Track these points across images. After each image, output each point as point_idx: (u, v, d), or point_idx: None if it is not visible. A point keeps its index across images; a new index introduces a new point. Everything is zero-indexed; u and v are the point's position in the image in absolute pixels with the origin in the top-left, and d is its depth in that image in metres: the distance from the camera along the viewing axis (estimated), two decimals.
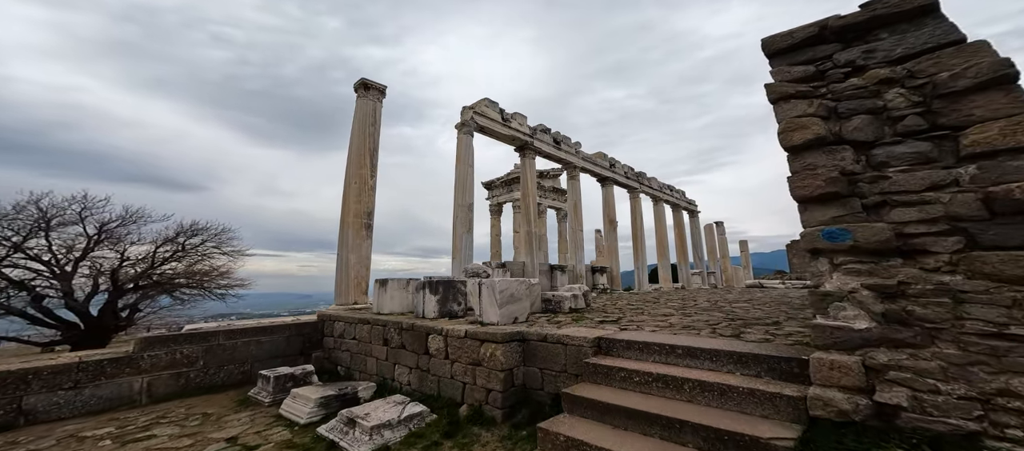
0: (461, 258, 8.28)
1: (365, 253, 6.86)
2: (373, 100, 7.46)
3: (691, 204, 21.14)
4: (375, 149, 7.24)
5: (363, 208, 7.01)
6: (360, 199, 6.99)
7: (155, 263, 12.45)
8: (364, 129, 7.32)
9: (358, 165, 7.21)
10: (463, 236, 8.38)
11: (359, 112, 7.42)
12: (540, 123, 12.04)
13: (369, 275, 6.77)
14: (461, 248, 8.34)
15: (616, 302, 8.17)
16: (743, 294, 11.39)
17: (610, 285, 13.86)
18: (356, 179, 7.08)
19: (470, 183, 8.76)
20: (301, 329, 5.47)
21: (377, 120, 7.52)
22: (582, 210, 12.99)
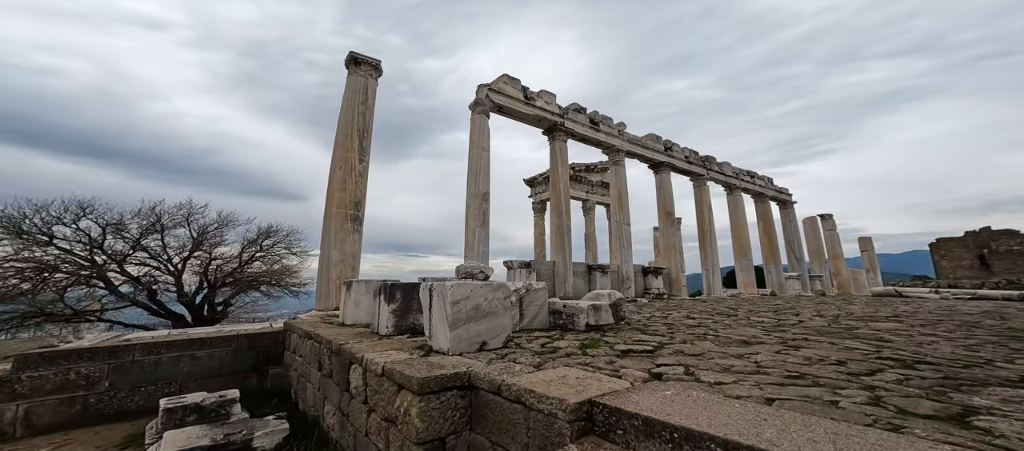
0: (474, 255, 6.81)
1: (351, 250, 5.67)
2: (365, 76, 6.44)
3: (781, 192, 16.76)
4: (366, 130, 6.12)
5: (349, 197, 5.81)
6: (345, 187, 5.84)
7: (243, 262, 13.70)
8: (353, 107, 6.19)
9: (344, 147, 6.04)
10: (476, 230, 6.93)
11: (349, 89, 6.36)
12: (573, 102, 10.11)
13: (357, 275, 5.73)
14: (474, 243, 6.90)
15: (667, 313, 5.84)
16: (876, 306, 7.78)
17: (668, 289, 11.08)
18: (341, 164, 5.95)
19: (485, 169, 7.27)
20: (254, 341, 4.54)
21: (370, 98, 6.46)
22: (629, 201, 10.58)
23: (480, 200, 7.01)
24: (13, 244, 10.27)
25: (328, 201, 5.94)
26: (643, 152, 11.60)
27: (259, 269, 15.06)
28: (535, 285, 3.81)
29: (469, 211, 6.95)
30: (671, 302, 8.99)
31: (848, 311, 6.10)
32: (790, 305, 7.81)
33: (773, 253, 15.09)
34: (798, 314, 5.76)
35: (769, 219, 15.58)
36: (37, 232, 10.49)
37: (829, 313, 5.79)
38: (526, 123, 9.02)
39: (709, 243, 12.63)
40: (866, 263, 19.11)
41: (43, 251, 10.53)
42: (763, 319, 4.91)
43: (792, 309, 6.72)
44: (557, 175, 8.87)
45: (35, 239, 10.47)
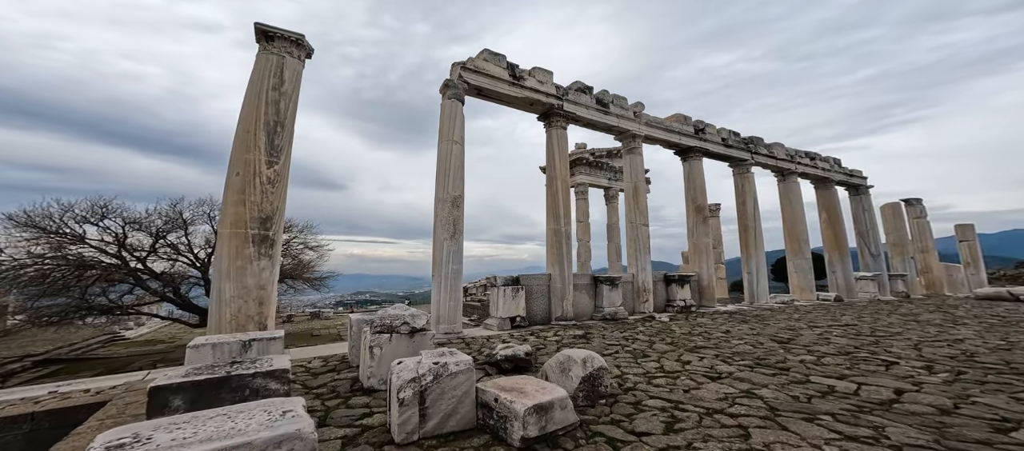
0: (442, 273, 5.57)
1: (256, 281, 4.05)
2: (280, 54, 4.79)
3: (853, 175, 13.68)
4: (281, 124, 4.55)
5: (251, 212, 4.17)
6: (245, 198, 4.18)
7: None
8: (260, 94, 4.51)
9: (244, 146, 4.33)
10: (445, 243, 5.65)
11: (256, 70, 4.67)
12: (576, 81, 8.44)
13: (269, 315, 4.18)
14: (442, 260, 5.61)
15: (682, 357, 4.19)
16: (996, 320, 5.31)
17: (697, 300, 9.13)
18: (240, 167, 4.29)
19: (457, 167, 5.97)
20: None
21: (288, 83, 4.73)
22: (645, 194, 8.75)
23: (450, 206, 5.73)
24: (49, 241, 10.86)
25: (221, 218, 4.41)
26: (666, 136, 9.61)
27: (281, 263, 15.84)
28: (453, 363, 2.27)
29: (437, 219, 5.71)
30: (699, 320, 7.18)
31: (976, 341, 3.98)
32: (871, 321, 5.64)
33: (839, 249, 12.28)
34: (890, 346, 3.69)
35: (835, 208, 12.71)
36: (68, 231, 11.07)
37: (947, 341, 3.65)
38: (515, 108, 7.56)
39: (753, 241, 10.36)
40: (965, 256, 15.23)
41: (78, 249, 11.14)
42: (841, 360, 3.11)
43: (880, 329, 4.62)
44: (554, 169, 7.34)
45: (69, 238, 11.07)
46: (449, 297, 5.33)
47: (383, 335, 2.77)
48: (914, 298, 12.20)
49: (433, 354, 2.14)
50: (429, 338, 2.99)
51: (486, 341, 5.00)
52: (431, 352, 2.17)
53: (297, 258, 17.54)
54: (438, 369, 2.00)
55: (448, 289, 5.37)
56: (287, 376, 2.19)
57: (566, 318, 6.72)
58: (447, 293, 5.37)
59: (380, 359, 2.72)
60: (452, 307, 5.29)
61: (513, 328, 6.01)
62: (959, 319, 7.09)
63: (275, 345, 2.92)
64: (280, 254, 4.48)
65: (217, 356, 2.73)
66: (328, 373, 3.54)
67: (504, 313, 5.95)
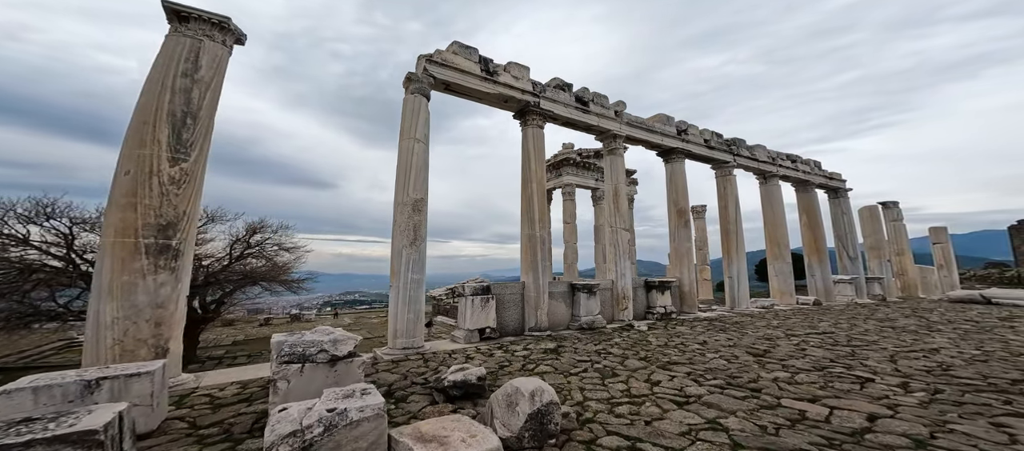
0: (401, 282, 5.15)
1: (150, 299, 3.45)
2: (194, 37, 4.11)
3: (832, 178, 13.85)
4: (191, 115, 3.91)
5: (145, 218, 3.55)
6: (137, 202, 3.55)
7: (232, 259, 13.44)
8: (166, 81, 3.86)
9: (139, 139, 3.68)
10: (404, 251, 5.21)
11: (163, 55, 3.98)
12: (555, 77, 8.18)
13: (173, 337, 3.59)
14: (400, 269, 5.17)
15: (652, 373, 3.95)
16: (970, 325, 5.26)
17: (678, 307, 9.00)
18: (133, 163, 3.63)
19: (419, 168, 5.55)
20: None
21: (204, 69, 4.06)
22: (626, 197, 8.56)
23: (411, 210, 5.33)
24: None
25: (104, 225, 3.62)
26: (648, 137, 9.44)
27: (254, 265, 14.74)
28: (356, 408, 1.77)
29: (395, 225, 5.31)
30: (678, 328, 7.01)
31: (952, 350, 3.85)
32: (848, 327, 5.52)
33: (819, 252, 12.39)
34: (866, 357, 3.53)
35: (815, 211, 12.83)
36: (9, 232, 10.30)
37: (922, 351, 3.51)
38: (487, 104, 7.23)
39: (735, 245, 10.31)
40: (939, 258, 15.65)
41: (21, 252, 10.37)
42: (815, 377, 2.90)
43: (856, 337, 4.53)
44: (529, 170, 7.05)
45: (11, 239, 10.30)
46: (408, 309, 4.98)
47: (291, 366, 2.40)
48: (890, 301, 12.41)
49: (335, 395, 1.80)
50: (356, 367, 2.65)
51: (448, 356, 4.68)
52: (334, 393, 1.83)
53: (272, 260, 17.04)
54: (333, 418, 1.65)
55: (407, 300, 5.02)
56: (93, 439, 1.68)
57: (540, 329, 6.45)
58: (405, 305, 5.02)
59: (287, 395, 2.36)
60: (411, 320, 4.94)
61: (482, 340, 5.70)
62: (934, 325, 7.12)
63: (139, 382, 2.46)
64: (190, 265, 3.94)
65: (39, 403, 2.21)
66: (237, 404, 3.13)
67: (472, 324, 5.63)
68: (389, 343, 4.92)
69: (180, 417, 2.88)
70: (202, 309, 12.57)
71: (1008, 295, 10.66)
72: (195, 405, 3.16)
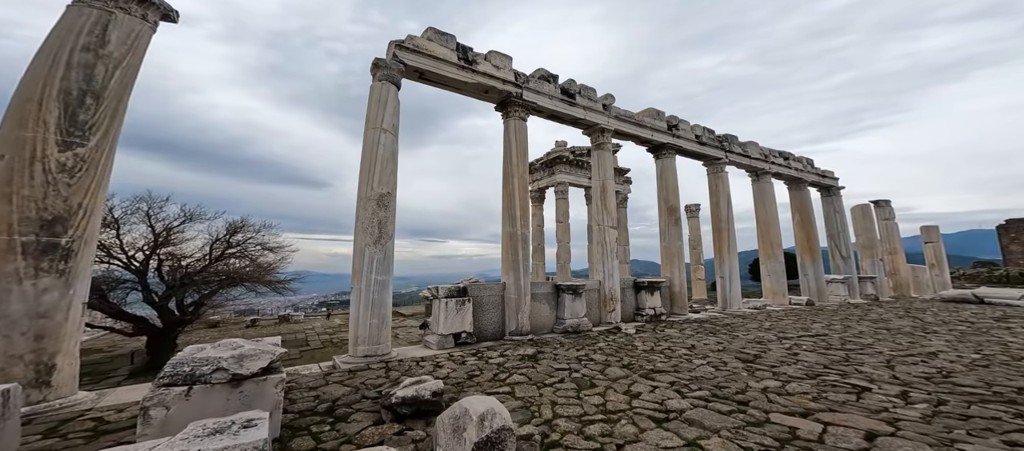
0: (364, 284, 4.72)
1: (28, 309, 3.00)
2: (102, 9, 3.60)
3: (825, 176, 13.75)
4: (96, 94, 3.45)
5: (25, 212, 3.10)
6: (12, 190, 3.10)
7: (212, 259, 12.97)
8: (60, 54, 3.39)
9: (18, 121, 3.22)
10: (366, 250, 4.80)
11: (58, 29, 3.50)
12: (540, 68, 7.87)
13: (61, 352, 3.13)
14: (364, 270, 4.74)
15: (635, 371, 3.63)
16: (966, 327, 5.06)
17: (668, 308, 8.74)
18: (8, 148, 3.18)
19: (385, 160, 5.10)
20: None
21: (117, 46, 3.62)
22: (614, 194, 8.28)
23: (375, 205, 4.89)
24: None
25: None
26: (637, 131, 9.17)
27: (236, 266, 14.50)
28: None
29: (358, 221, 4.88)
30: (667, 331, 6.74)
31: (950, 354, 3.60)
32: (841, 329, 5.25)
33: (811, 251, 12.26)
34: (862, 363, 3.25)
35: (807, 209, 12.70)
36: None
37: (920, 355, 3.24)
38: (466, 94, 6.88)
39: (726, 244, 10.10)
40: (930, 257, 15.68)
41: None
42: (808, 386, 2.59)
43: (851, 339, 4.08)
44: (511, 165, 6.72)
45: None
46: (371, 313, 4.61)
47: (172, 389, 1.97)
48: (883, 300, 12.33)
49: (201, 430, 1.43)
50: (273, 386, 2.27)
51: (414, 365, 4.32)
52: (201, 427, 1.46)
53: (255, 261, 16.63)
54: None
55: (370, 303, 4.63)
56: None
57: (521, 332, 6.12)
58: (368, 308, 4.60)
59: (164, 426, 1.94)
60: (375, 325, 4.57)
61: (457, 346, 5.35)
62: (929, 326, 6.94)
63: None
64: (88, 267, 3.36)
65: None
66: (124, 431, 2.71)
67: (446, 329, 5.28)
68: (350, 350, 4.55)
69: (39, 450, 2.46)
70: (179, 311, 12.10)
71: (1000, 294, 10.61)
72: (69, 433, 2.69)
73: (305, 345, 12.15)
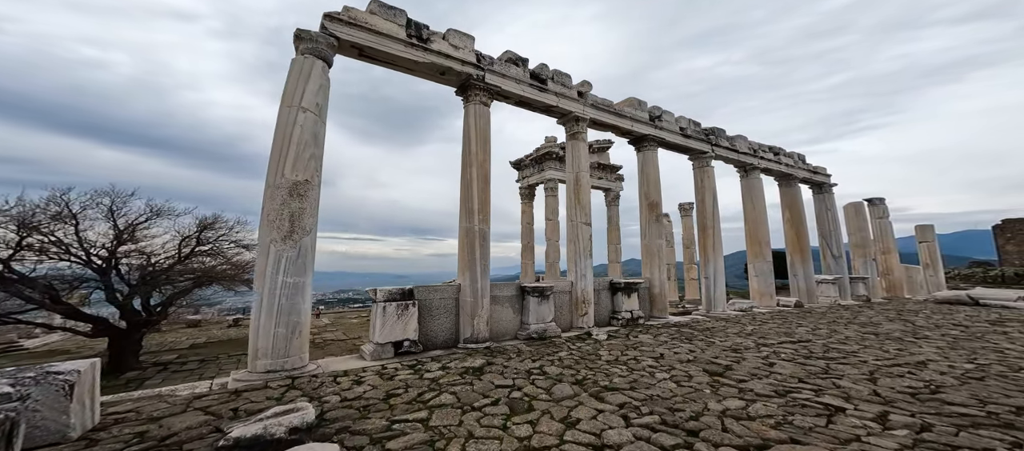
0: (268, 288, 4.09)
1: None
2: None
3: (816, 172, 13.48)
4: None
5: None
6: None
7: (181, 258, 12.35)
8: None
9: None
10: (275, 247, 4.15)
11: None
12: (507, 50, 7.39)
13: None
14: (270, 272, 4.09)
15: (587, 389, 3.18)
16: (960, 330, 4.71)
17: (646, 311, 8.34)
18: None
19: (302, 143, 4.48)
20: None
21: None
22: (589, 188, 7.84)
23: (286, 194, 4.23)
24: None
25: None
26: (616, 121, 8.74)
27: (210, 264, 14.03)
28: None
29: (264, 213, 4.24)
30: (640, 337, 6.32)
31: (941, 363, 3.19)
32: (827, 333, 4.84)
33: (802, 251, 11.97)
34: (842, 375, 2.80)
35: (798, 207, 12.41)
36: None
37: (907, 366, 2.84)
38: (418, 76, 6.36)
39: (712, 243, 9.73)
40: (925, 257, 15.54)
41: None
42: (774, 406, 2.44)
43: (834, 346, 3.68)
44: (470, 154, 6.22)
45: None
46: (277, 321, 3.96)
47: None
48: (875, 302, 12.10)
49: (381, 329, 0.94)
50: None
51: (330, 381, 3.81)
52: None
53: (230, 259, 16.08)
54: None
55: (275, 310, 3.99)
56: None
57: (478, 339, 5.66)
58: (272, 316, 3.97)
59: None
60: (282, 334, 3.99)
61: (397, 355, 4.86)
62: (920, 330, 6.62)
63: None
64: None
65: None
66: None
67: (384, 337, 4.78)
68: (248, 365, 4.00)
69: None
70: (145, 311, 11.48)
71: (995, 295, 10.41)
72: None
73: None
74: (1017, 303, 9.66)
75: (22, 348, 15.22)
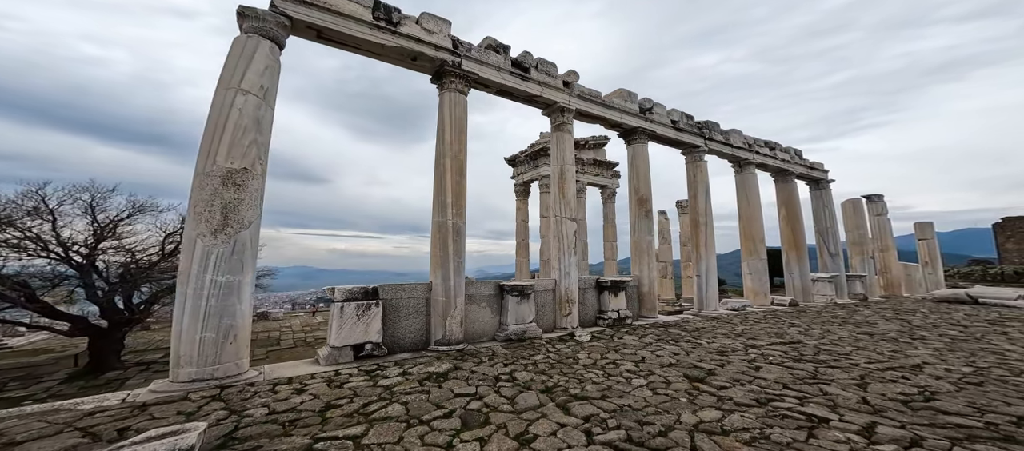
0: (193, 290, 3.67)
1: None
2: None
3: (813, 168, 13.27)
4: None
5: None
6: None
7: (165, 255, 12.10)
8: None
9: None
10: (202, 243, 3.77)
11: None
12: (488, 37, 7.10)
13: None
14: (195, 271, 3.71)
15: (555, 397, 2.95)
16: (959, 331, 4.51)
17: (635, 311, 8.10)
18: None
19: (241, 128, 4.09)
20: None
21: None
22: (574, 181, 7.57)
23: (218, 184, 3.82)
24: None
25: None
26: (605, 113, 8.46)
27: None
28: None
29: (191, 204, 3.83)
30: (625, 338, 6.08)
31: (938, 367, 2.95)
32: (820, 334, 4.60)
33: (797, 248, 11.78)
34: (830, 380, 2.57)
35: (794, 203, 12.21)
36: None
37: (901, 370, 2.61)
38: (387, 61, 6.05)
39: (704, 239, 9.51)
40: (924, 255, 15.41)
41: None
42: (753, 417, 2.20)
43: (826, 347, 3.44)
44: (444, 143, 5.94)
45: None
46: (206, 325, 3.57)
47: None
48: (872, 301, 11.93)
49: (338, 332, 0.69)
50: None
51: (268, 391, 3.53)
52: None
53: None
54: None
55: (202, 313, 3.59)
56: None
57: (450, 341, 5.39)
58: (200, 319, 3.57)
59: None
60: (212, 339, 3.61)
61: (358, 359, 4.58)
62: (917, 331, 6.42)
63: None
64: None
65: None
66: None
67: (341, 340, 4.50)
68: (170, 374, 3.60)
69: None
70: (127, 310, 11.20)
71: (995, 294, 10.25)
72: None
73: (276, 345, 11.44)
74: (1017, 302, 9.51)
75: (6, 347, 14.87)
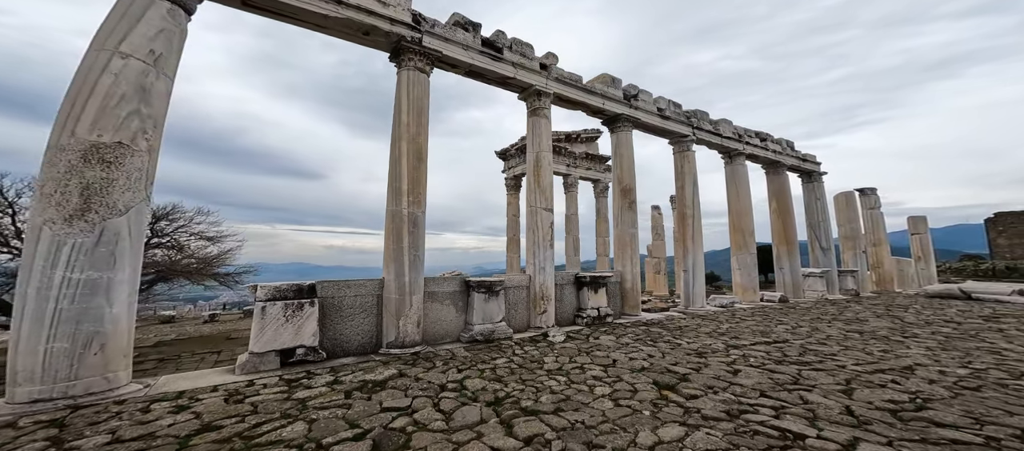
0: (36, 290, 3.02)
1: None
2: None
3: (805, 160, 13.03)
4: None
5: None
6: None
7: None
8: None
9: None
10: (49, 231, 3.14)
11: None
12: (456, 13, 6.62)
13: None
14: (39, 264, 3.06)
15: (504, 410, 2.56)
16: (951, 328, 4.24)
17: (617, 308, 7.74)
18: None
19: (115, 96, 3.47)
20: None
21: None
22: (550, 170, 7.16)
23: (77, 159, 3.21)
24: None
25: None
26: (586, 99, 8.05)
27: (176, 258, 13.86)
28: None
29: (38, 186, 3.26)
30: (601, 338, 5.70)
31: (931, 368, 2.64)
32: (808, 332, 4.29)
33: (788, 243, 11.54)
34: (813, 385, 2.25)
35: (785, 196, 11.96)
36: None
37: (891, 372, 2.31)
38: (336, 35, 5.54)
39: (691, 233, 9.18)
40: (916, 249, 15.34)
41: None
42: (721, 433, 1.65)
43: (813, 347, 3.09)
44: (400, 126, 5.47)
45: None
46: (56, 333, 2.95)
47: None
48: (863, 296, 11.76)
49: None
50: None
51: (132, 412, 3.02)
52: None
53: (193, 253, 15.36)
54: None
55: (50, 319, 2.96)
56: None
57: (405, 343, 4.96)
58: (47, 326, 2.95)
59: None
60: (66, 350, 2.99)
61: (286, 365, 4.12)
62: (909, 328, 6.15)
63: None
64: None
65: None
66: None
67: (263, 345, 4.01)
68: (7, 394, 2.92)
69: None
70: None
71: (988, 289, 10.10)
72: None
73: (216, 350, 10.88)
74: (1012, 297, 9.36)
75: None
